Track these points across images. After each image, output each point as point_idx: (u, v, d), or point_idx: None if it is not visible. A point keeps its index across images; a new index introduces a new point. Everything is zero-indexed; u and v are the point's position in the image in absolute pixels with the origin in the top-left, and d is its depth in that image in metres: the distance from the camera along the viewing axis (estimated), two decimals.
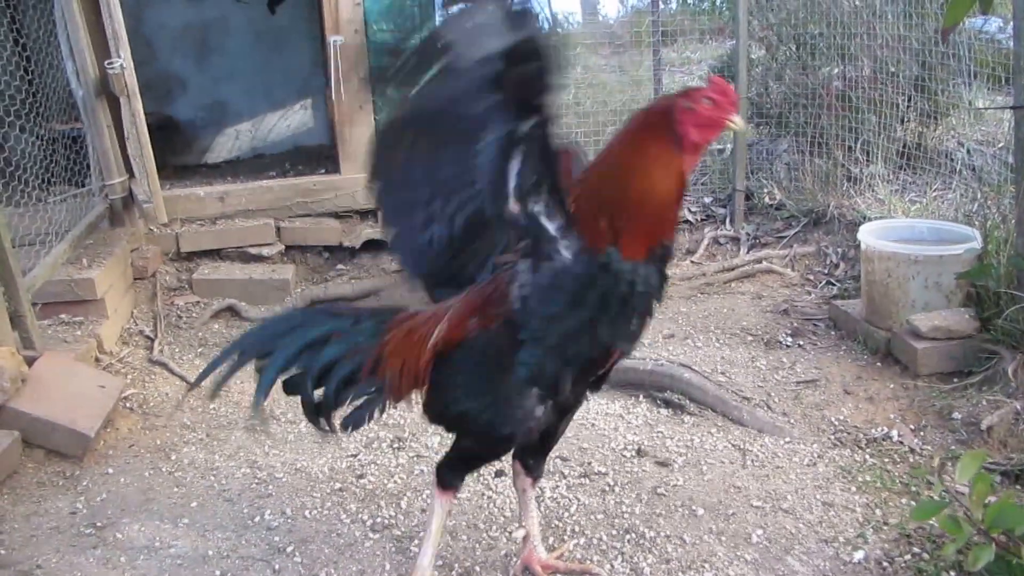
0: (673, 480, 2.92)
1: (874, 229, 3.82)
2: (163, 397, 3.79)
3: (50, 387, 3.39)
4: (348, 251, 4.94)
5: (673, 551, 2.56)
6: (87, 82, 4.45)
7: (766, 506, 2.75)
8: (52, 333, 3.87)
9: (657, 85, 5.50)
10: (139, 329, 4.33)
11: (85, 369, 3.72)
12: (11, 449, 3.13)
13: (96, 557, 2.71)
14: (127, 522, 2.90)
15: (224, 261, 4.88)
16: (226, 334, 4.42)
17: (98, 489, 3.12)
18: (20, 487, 3.09)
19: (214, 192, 5.00)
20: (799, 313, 4.14)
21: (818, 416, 3.27)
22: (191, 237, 4.85)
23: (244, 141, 6.70)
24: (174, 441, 3.44)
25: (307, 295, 4.64)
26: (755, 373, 3.60)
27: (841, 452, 3.05)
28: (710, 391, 3.36)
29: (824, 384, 3.48)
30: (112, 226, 4.70)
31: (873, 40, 4.92)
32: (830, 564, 2.48)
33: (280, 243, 4.93)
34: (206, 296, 4.65)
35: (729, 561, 2.50)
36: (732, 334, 4.00)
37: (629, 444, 3.17)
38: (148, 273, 4.65)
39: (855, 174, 4.83)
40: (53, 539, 2.82)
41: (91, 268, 4.14)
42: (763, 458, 3.03)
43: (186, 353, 4.21)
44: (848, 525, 2.64)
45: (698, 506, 2.77)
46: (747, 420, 3.24)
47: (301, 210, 5.02)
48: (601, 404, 3.49)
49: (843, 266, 4.49)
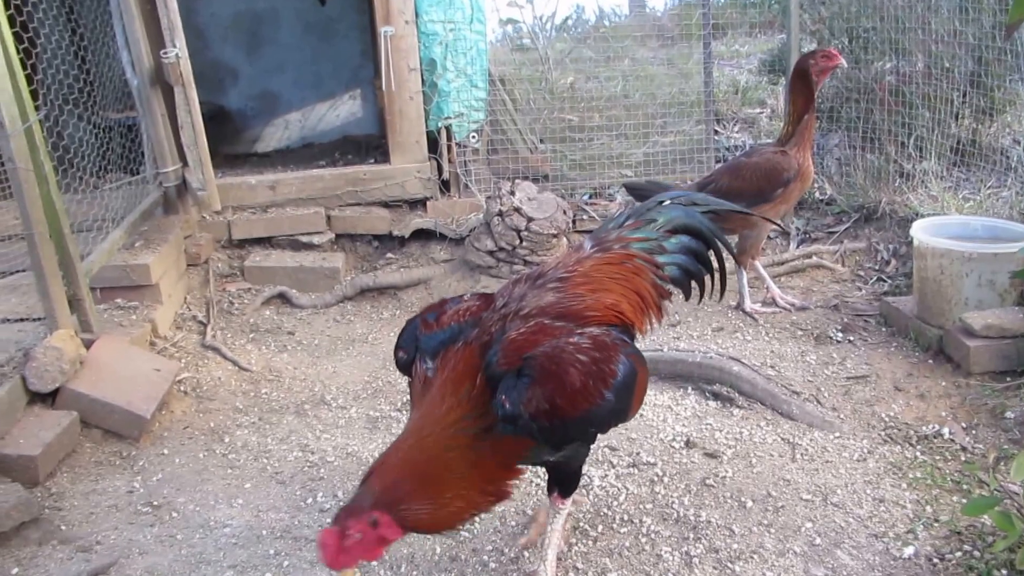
0: (722, 472, 2.91)
1: (927, 225, 3.76)
2: (216, 381, 3.87)
3: (107, 369, 3.48)
4: (397, 240, 4.98)
5: (722, 542, 2.56)
6: (142, 71, 4.55)
7: (816, 500, 2.73)
8: (108, 317, 3.97)
9: (708, 78, 5.46)
10: (192, 314, 4.42)
11: (140, 352, 3.81)
12: (70, 429, 3.23)
13: (153, 535, 2.78)
14: (183, 501, 2.98)
15: (275, 249, 4.95)
16: (277, 320, 4.50)
17: (154, 469, 3.21)
18: (79, 466, 3.18)
19: (265, 180, 5.08)
20: (849, 309, 4.09)
21: (868, 412, 3.24)
22: (243, 225, 4.93)
23: (294, 131, 6.80)
24: (227, 424, 3.52)
25: (357, 283, 4.69)
26: (805, 368, 3.57)
27: (892, 448, 3.01)
28: (759, 384, 3.34)
29: (875, 380, 3.44)
30: (166, 213, 4.79)
31: (927, 35, 4.83)
32: (880, 559, 2.46)
33: (330, 231, 4.99)
34: (257, 283, 4.73)
35: (779, 553, 2.50)
36: (781, 328, 3.96)
37: (678, 435, 3.16)
38: (201, 260, 4.74)
39: (907, 170, 4.74)
40: (111, 516, 2.90)
41: (146, 254, 4.23)
42: (813, 452, 3.00)
43: (238, 338, 4.29)
44: (898, 521, 2.62)
45: (747, 498, 2.76)
46: (797, 414, 3.22)
47: (351, 199, 5.07)
48: (650, 395, 3.49)
49: (894, 263, 4.42)
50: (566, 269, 2.30)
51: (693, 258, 2.47)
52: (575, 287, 2.25)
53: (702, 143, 5.52)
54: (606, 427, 2.19)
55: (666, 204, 2.51)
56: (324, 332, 4.42)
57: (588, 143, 5.62)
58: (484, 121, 5.26)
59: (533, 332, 2.08)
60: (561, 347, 2.03)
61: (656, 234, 2.45)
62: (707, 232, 2.48)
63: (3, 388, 3.10)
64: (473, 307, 2.22)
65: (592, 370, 2.02)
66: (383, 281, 4.70)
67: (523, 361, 1.99)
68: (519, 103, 5.68)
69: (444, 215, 5.04)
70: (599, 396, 2.02)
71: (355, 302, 4.68)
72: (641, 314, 2.35)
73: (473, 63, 5.10)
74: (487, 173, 5.25)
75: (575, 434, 2.08)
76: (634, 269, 2.36)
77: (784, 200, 3.98)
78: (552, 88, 6.06)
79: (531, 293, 2.22)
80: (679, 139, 5.67)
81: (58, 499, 2.97)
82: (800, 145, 3.95)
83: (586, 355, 2.03)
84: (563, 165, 5.49)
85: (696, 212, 2.49)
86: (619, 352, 2.10)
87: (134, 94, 4.65)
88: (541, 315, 2.15)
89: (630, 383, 2.11)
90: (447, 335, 2.13)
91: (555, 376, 1.97)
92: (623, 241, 2.41)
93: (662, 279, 2.41)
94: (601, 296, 2.25)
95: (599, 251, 2.37)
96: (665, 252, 2.44)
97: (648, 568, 2.47)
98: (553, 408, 1.95)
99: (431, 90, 5.02)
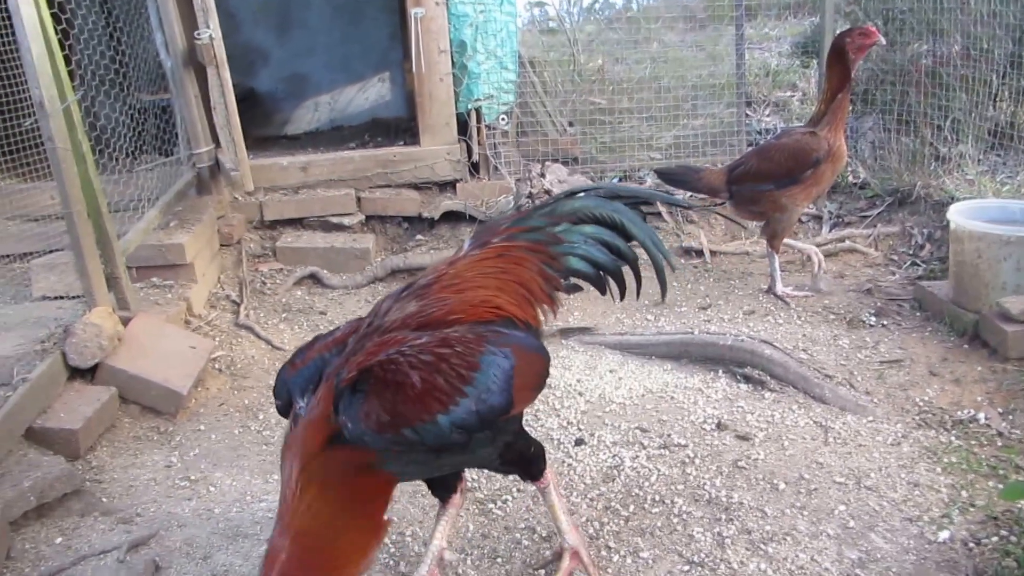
0: (754, 454, 2.91)
1: (964, 209, 3.71)
2: (250, 359, 3.92)
3: (144, 346, 3.54)
4: (427, 222, 5.00)
5: (754, 523, 2.56)
6: (175, 53, 4.58)
7: (849, 483, 2.72)
8: (144, 296, 4.03)
9: (740, 60, 5.41)
10: (225, 294, 4.48)
11: (176, 330, 3.86)
12: (109, 404, 3.29)
13: (191, 508, 2.84)
14: (219, 476, 3.03)
15: (306, 230, 4.99)
16: (308, 301, 4.54)
17: (191, 444, 3.26)
18: (118, 440, 3.25)
19: (297, 162, 5.11)
20: (883, 293, 4.05)
21: (902, 396, 3.21)
22: (274, 206, 4.97)
23: (323, 113, 6.82)
24: (261, 402, 3.57)
25: (388, 264, 4.71)
26: (837, 351, 3.55)
27: (926, 433, 2.99)
28: (792, 368, 3.33)
29: (909, 365, 3.41)
30: (199, 194, 4.84)
31: (966, 15, 4.74)
32: (914, 543, 2.45)
33: (360, 213, 5.02)
34: (289, 263, 4.77)
35: (812, 535, 2.49)
36: (814, 312, 3.94)
37: (709, 417, 3.16)
38: (233, 240, 4.79)
39: (943, 153, 4.68)
40: (151, 490, 2.96)
41: (180, 234, 4.28)
42: (846, 436, 2.99)
43: (271, 318, 4.34)
44: (933, 505, 2.60)
45: (779, 480, 2.75)
46: (829, 398, 3.20)
47: (381, 181, 5.09)
48: (680, 377, 3.49)
49: (929, 247, 4.37)
50: (434, 274, 2.16)
51: (604, 249, 2.28)
52: (440, 291, 2.10)
53: (733, 126, 5.47)
54: (484, 427, 1.95)
55: (579, 196, 2.33)
56: (355, 312, 4.46)
57: (617, 126, 5.59)
58: (514, 103, 5.25)
59: (381, 344, 1.94)
60: (401, 351, 1.89)
61: (546, 223, 2.27)
62: (623, 222, 2.29)
63: (44, 363, 3.17)
64: (340, 336, 2.07)
65: (440, 367, 1.87)
66: (413, 262, 4.73)
67: (360, 375, 1.86)
68: (548, 86, 5.67)
69: (474, 197, 5.05)
70: (457, 394, 1.87)
71: (385, 283, 4.71)
72: (528, 306, 2.18)
73: (503, 45, 5.09)
74: (516, 155, 5.24)
75: (440, 440, 1.88)
76: (514, 260, 2.20)
77: (815, 182, 3.93)
78: (580, 71, 6.04)
79: (395, 306, 2.08)
80: (709, 122, 5.63)
81: (98, 472, 3.03)
82: (832, 125, 3.89)
83: (431, 354, 1.89)
84: (592, 148, 5.48)
85: (613, 203, 2.30)
86: (483, 344, 1.95)
87: (167, 75, 4.69)
88: (401, 327, 2.00)
89: (504, 375, 1.93)
90: (311, 370, 1.99)
91: (392, 383, 1.84)
92: (505, 233, 2.26)
93: (557, 270, 2.24)
94: (469, 295, 2.09)
95: (476, 248, 2.23)
96: (561, 242, 2.26)
97: (680, 548, 2.48)
98: (396, 417, 1.82)
99: (461, 72, 5.02)
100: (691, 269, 4.57)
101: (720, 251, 4.70)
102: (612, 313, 4.07)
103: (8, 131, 4.13)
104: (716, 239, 4.82)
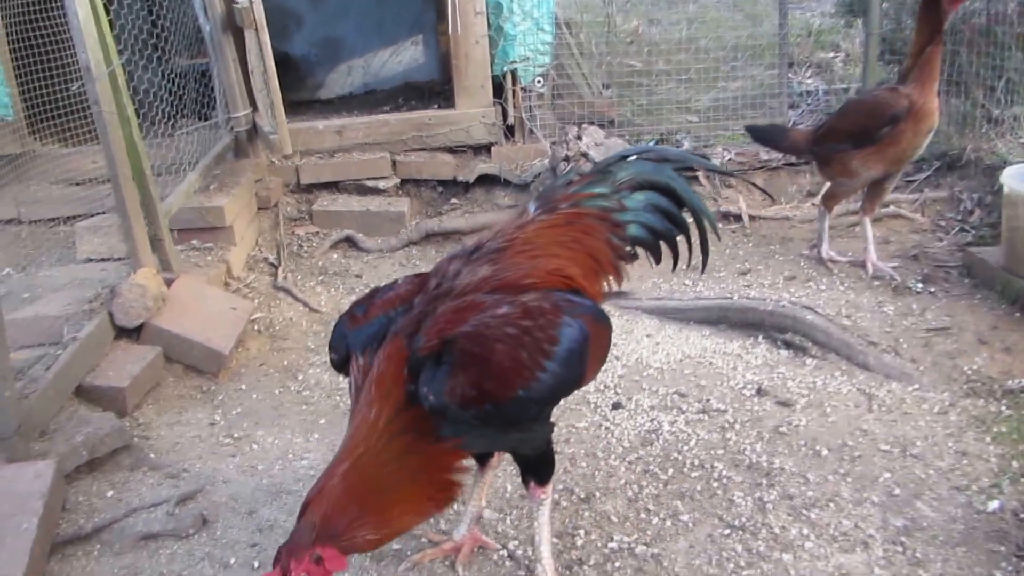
0: (795, 420, 2.88)
1: (1018, 173, 3.59)
2: (288, 321, 3.96)
3: (187, 307, 3.59)
4: (462, 185, 4.98)
5: (796, 489, 2.54)
6: (214, 17, 4.57)
7: (894, 451, 2.69)
8: (185, 258, 4.07)
9: (783, 19, 5.27)
10: (263, 256, 4.51)
11: (217, 292, 3.91)
12: (154, 363, 3.35)
13: (235, 464, 2.89)
14: (261, 434, 3.08)
15: (342, 193, 4.99)
16: (344, 264, 4.56)
17: (233, 403, 3.32)
18: (163, 399, 3.31)
19: (332, 125, 5.10)
20: (930, 259, 3.96)
21: (950, 365, 3.16)
22: (310, 169, 4.98)
23: (356, 77, 6.78)
24: (300, 363, 3.61)
25: (422, 228, 4.71)
26: (882, 318, 3.49)
27: (975, 402, 2.94)
28: (834, 334, 3.28)
29: (957, 332, 3.34)
30: (236, 158, 4.86)
31: None
32: (962, 512, 2.42)
33: (396, 176, 5.01)
34: (325, 227, 4.79)
35: (855, 502, 2.47)
36: (857, 278, 3.86)
37: (748, 383, 3.13)
38: (271, 203, 4.82)
39: (996, 115, 4.53)
40: (196, 447, 3.02)
41: (220, 197, 4.31)
42: (891, 404, 2.95)
43: (307, 281, 4.37)
44: (982, 474, 2.56)
45: (822, 447, 2.73)
46: (873, 365, 3.15)
47: (416, 144, 5.06)
48: (718, 343, 3.46)
49: (979, 212, 4.26)
50: (505, 238, 2.11)
51: (662, 217, 2.25)
52: (513, 256, 2.06)
53: (773, 88, 5.35)
54: (555, 400, 2.01)
55: (631, 159, 2.29)
56: (390, 275, 4.47)
57: (654, 88, 5.50)
58: (550, 65, 5.18)
59: (459, 310, 1.91)
60: (485, 323, 1.86)
61: (611, 189, 2.23)
62: (677, 189, 2.25)
63: (92, 323, 3.22)
64: (404, 293, 2.06)
65: (524, 341, 1.85)
66: (448, 226, 4.72)
67: (443, 345, 1.84)
68: (584, 47, 5.57)
69: (509, 161, 5.01)
70: (538, 369, 1.86)
71: (420, 247, 4.71)
72: (595, 276, 2.16)
73: (539, 6, 5.00)
74: (552, 118, 5.18)
75: (517, 415, 1.89)
76: (584, 228, 2.17)
77: (893, 142, 3.63)
78: (616, 32, 5.93)
79: (466, 269, 2.04)
80: (748, 85, 5.52)
81: (145, 429, 3.09)
82: (920, 82, 3.58)
83: (515, 327, 1.86)
84: (629, 110, 5.39)
85: (666, 168, 2.26)
86: (561, 315, 1.92)
87: (206, 40, 4.69)
88: (475, 291, 1.97)
89: (580, 347, 1.92)
90: (375, 327, 1.98)
91: (478, 358, 1.81)
92: (573, 199, 2.22)
93: (621, 239, 2.21)
94: (543, 262, 2.06)
95: (544, 213, 2.19)
96: (626, 210, 2.22)
97: (720, 512, 2.47)
98: (482, 393, 1.80)
99: (497, 34, 4.95)
100: (729, 234, 4.50)
101: (759, 216, 4.62)
102: (649, 278, 4.04)
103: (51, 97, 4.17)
104: (755, 204, 4.74)
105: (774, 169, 4.82)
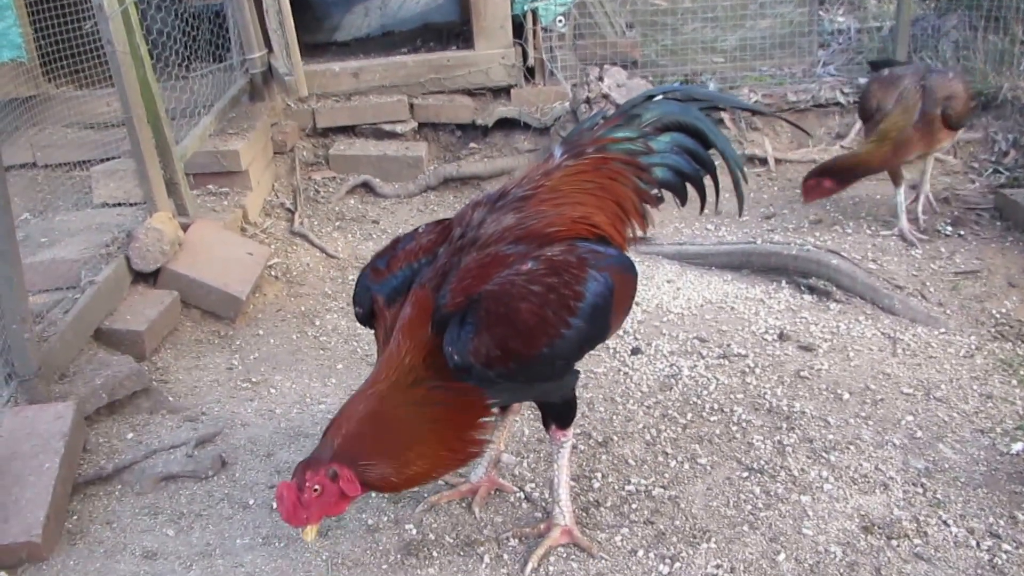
0: (817, 365, 2.83)
1: None
2: (305, 267, 3.94)
3: (203, 252, 3.58)
4: (480, 129, 4.89)
5: (816, 432, 2.51)
6: None
7: (917, 394, 2.64)
8: (201, 203, 4.05)
9: None
10: (280, 201, 4.48)
11: (233, 237, 3.89)
12: (171, 307, 3.35)
13: (254, 408, 2.90)
14: (279, 379, 3.09)
15: (359, 138, 4.92)
16: (361, 209, 4.52)
17: (250, 348, 3.32)
18: (180, 343, 3.32)
19: (349, 68, 5.01)
20: (961, 202, 3.85)
21: (977, 308, 3.08)
22: (327, 113, 4.91)
23: (373, 18, 6.64)
24: (317, 308, 3.60)
25: (440, 173, 4.65)
26: (909, 262, 3.41)
27: (1002, 345, 2.88)
28: (860, 278, 3.21)
29: (986, 276, 3.26)
30: (252, 101, 4.80)
31: None
32: (985, 454, 2.38)
33: (413, 120, 4.92)
34: (342, 172, 4.74)
35: (876, 444, 2.44)
36: (884, 221, 3.77)
37: (770, 328, 3.08)
38: (287, 148, 4.77)
39: None
40: (214, 390, 3.04)
41: (235, 140, 4.26)
42: (915, 347, 2.89)
43: (324, 226, 4.34)
44: (1007, 417, 2.52)
45: (843, 390, 2.68)
46: (899, 309, 3.09)
47: (434, 87, 4.97)
48: (741, 288, 3.40)
49: (1014, 153, 4.12)
50: (531, 185, 2.08)
51: (689, 158, 2.20)
52: (538, 204, 2.03)
53: (803, 27, 5.17)
54: (580, 355, 1.99)
55: (657, 99, 2.23)
56: (408, 221, 4.43)
57: (679, 28, 5.34)
58: (571, 4, 5.03)
59: (484, 264, 1.91)
60: (510, 280, 1.85)
61: (639, 132, 2.19)
62: (705, 129, 2.20)
63: (109, 267, 3.22)
64: (426, 243, 2.05)
65: (549, 299, 1.84)
66: (466, 171, 4.65)
67: (469, 303, 1.83)
68: None
69: (528, 104, 4.90)
70: (563, 326, 1.85)
71: (438, 192, 4.66)
72: (621, 223, 2.13)
73: None
74: (573, 60, 5.05)
75: (542, 372, 1.90)
76: (611, 174, 2.13)
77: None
78: None
79: (490, 217, 2.02)
80: (777, 23, 5.33)
81: (164, 373, 3.11)
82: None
83: (540, 284, 1.85)
84: (653, 51, 5.25)
85: (693, 108, 2.22)
86: (586, 269, 1.91)
87: None
88: (499, 241, 1.96)
89: (605, 301, 1.91)
90: (400, 280, 1.99)
91: (503, 317, 1.81)
92: (599, 143, 2.17)
93: (648, 183, 2.17)
94: (568, 210, 2.03)
95: (570, 159, 2.15)
96: (652, 152, 2.18)
97: (739, 455, 2.45)
98: (506, 352, 1.80)
99: None
100: (754, 177, 4.40)
101: (786, 159, 4.51)
102: (670, 222, 3.96)
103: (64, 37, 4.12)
104: (781, 147, 4.62)
105: (802, 111, 4.68)
